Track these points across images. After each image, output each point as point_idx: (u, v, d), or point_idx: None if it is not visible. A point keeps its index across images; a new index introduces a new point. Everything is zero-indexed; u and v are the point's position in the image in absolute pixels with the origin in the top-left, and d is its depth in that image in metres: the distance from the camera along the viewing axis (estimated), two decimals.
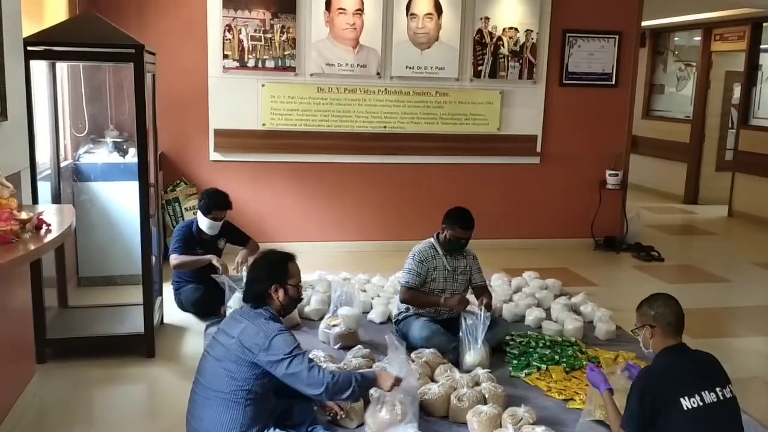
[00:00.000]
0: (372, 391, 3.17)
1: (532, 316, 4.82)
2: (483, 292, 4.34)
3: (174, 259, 4.79)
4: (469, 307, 4.30)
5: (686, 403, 2.61)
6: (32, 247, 2.65)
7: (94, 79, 5.60)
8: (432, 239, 4.37)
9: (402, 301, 4.33)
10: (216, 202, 4.84)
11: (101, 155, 5.45)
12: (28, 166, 3.68)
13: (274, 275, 3.00)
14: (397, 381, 3.07)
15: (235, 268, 4.88)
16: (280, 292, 2.99)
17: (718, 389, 2.68)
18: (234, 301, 4.62)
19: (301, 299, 3.23)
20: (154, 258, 4.34)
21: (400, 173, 6.79)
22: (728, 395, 2.70)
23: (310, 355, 3.84)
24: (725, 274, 6.47)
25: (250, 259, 4.93)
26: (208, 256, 4.78)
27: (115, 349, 4.16)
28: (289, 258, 3.10)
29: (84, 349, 4.14)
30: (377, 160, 6.71)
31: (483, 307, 4.08)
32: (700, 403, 2.62)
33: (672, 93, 11.24)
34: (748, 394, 3.97)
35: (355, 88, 6.51)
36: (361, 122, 6.57)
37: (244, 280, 4.73)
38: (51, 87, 4.39)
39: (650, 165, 10.87)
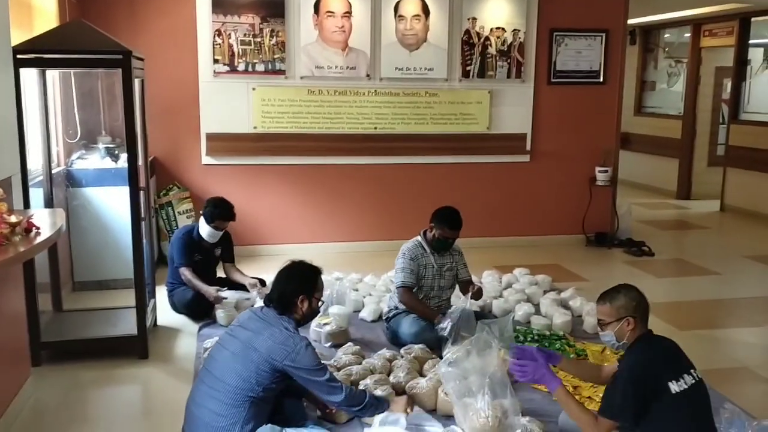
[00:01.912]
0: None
1: (521, 311, 4.87)
2: (469, 286, 4.40)
3: (186, 272, 4.82)
4: (453, 299, 4.44)
5: (674, 387, 2.66)
6: (22, 249, 2.70)
7: (86, 85, 5.66)
8: (419, 237, 4.43)
9: (401, 302, 4.34)
10: (221, 212, 4.89)
11: (94, 161, 5.51)
12: (18, 172, 3.74)
13: (305, 286, 3.11)
14: (410, 403, 3.28)
15: (257, 292, 4.85)
16: (306, 303, 3.10)
17: (692, 371, 2.76)
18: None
19: (318, 313, 3.37)
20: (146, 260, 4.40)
21: (391, 173, 6.85)
22: (699, 377, 2.78)
23: None
24: (716, 268, 6.52)
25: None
26: (212, 294, 4.73)
27: (110, 351, 4.21)
28: (319, 272, 3.22)
29: (79, 351, 4.19)
30: (368, 161, 6.77)
31: (471, 297, 4.20)
32: (685, 386, 2.68)
33: (663, 89, 11.31)
34: (736, 384, 4.04)
35: (345, 90, 6.57)
36: (351, 124, 6.63)
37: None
38: (42, 94, 4.45)
39: (643, 161, 10.94)
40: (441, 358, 3.96)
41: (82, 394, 3.79)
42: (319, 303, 3.22)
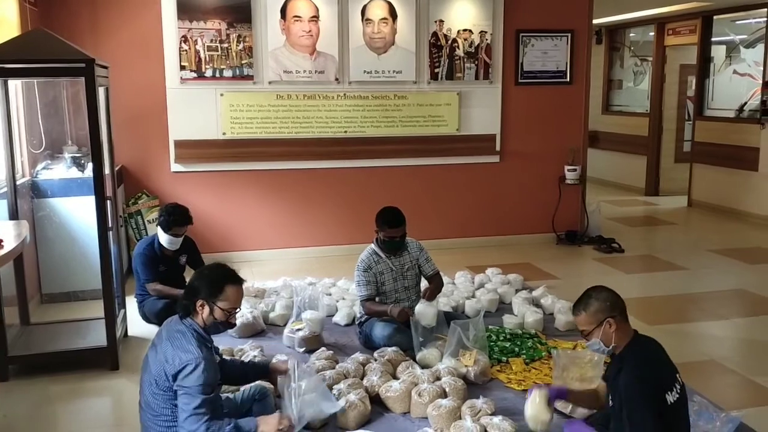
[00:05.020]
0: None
1: (493, 310, 4.91)
2: (434, 280, 4.45)
3: (155, 286, 4.80)
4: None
5: (669, 397, 2.60)
6: None
7: (49, 94, 5.58)
8: (373, 245, 4.46)
9: (366, 314, 4.40)
10: (175, 218, 4.82)
11: (59, 171, 5.43)
12: None
13: (207, 290, 2.83)
14: (282, 422, 2.87)
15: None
16: (206, 309, 2.82)
17: (678, 376, 2.71)
18: None
19: (230, 326, 2.97)
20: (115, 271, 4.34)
21: (362, 177, 6.85)
22: (681, 381, 2.73)
23: (274, 360, 3.89)
24: (683, 263, 6.63)
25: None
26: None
27: (79, 363, 4.16)
28: (232, 280, 2.88)
29: (47, 364, 4.13)
30: (339, 164, 6.77)
31: (425, 298, 4.21)
32: (677, 396, 2.62)
33: (630, 88, 11.47)
34: (704, 377, 4.11)
35: (314, 95, 6.56)
36: (321, 128, 6.62)
37: None
38: (4, 104, 4.37)
39: (611, 159, 11.08)
40: (414, 360, 4.00)
41: (51, 408, 3.73)
42: (229, 315, 2.87)
